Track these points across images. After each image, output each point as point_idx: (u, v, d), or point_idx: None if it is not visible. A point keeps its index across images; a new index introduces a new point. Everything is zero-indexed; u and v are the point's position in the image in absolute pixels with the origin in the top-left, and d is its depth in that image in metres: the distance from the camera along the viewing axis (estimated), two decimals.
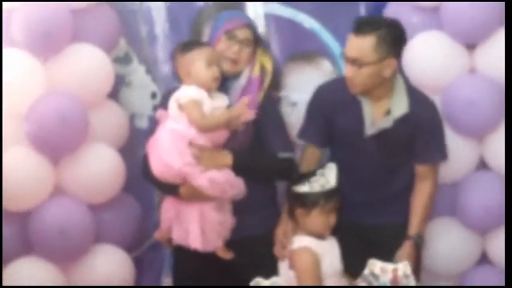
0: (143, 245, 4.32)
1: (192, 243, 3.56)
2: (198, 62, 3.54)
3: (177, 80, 3.62)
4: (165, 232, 3.66)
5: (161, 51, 4.24)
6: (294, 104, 4.21)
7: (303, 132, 3.83)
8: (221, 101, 3.59)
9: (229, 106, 3.57)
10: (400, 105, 3.62)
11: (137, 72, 4.29)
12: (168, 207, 3.63)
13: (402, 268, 3.42)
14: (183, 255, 3.70)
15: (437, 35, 4.00)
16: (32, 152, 3.84)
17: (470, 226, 4.03)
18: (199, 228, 3.55)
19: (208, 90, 3.55)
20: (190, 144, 3.49)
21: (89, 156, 3.95)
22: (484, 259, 4.12)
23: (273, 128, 3.67)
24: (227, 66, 3.62)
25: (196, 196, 3.52)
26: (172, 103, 3.56)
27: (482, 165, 4.08)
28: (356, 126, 3.66)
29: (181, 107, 3.52)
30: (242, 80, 3.65)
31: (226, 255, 3.62)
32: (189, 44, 3.64)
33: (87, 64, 3.96)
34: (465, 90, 3.92)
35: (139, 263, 4.23)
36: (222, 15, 3.74)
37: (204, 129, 3.50)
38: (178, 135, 3.49)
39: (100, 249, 4.01)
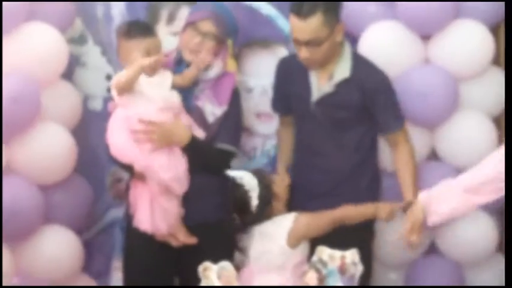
0: (94, 228, 4.29)
1: (141, 224, 3.58)
2: (136, 52, 3.57)
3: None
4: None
5: None
6: (250, 90, 4.21)
7: (271, 103, 3.99)
8: (163, 77, 3.62)
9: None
10: (342, 70, 3.67)
11: (92, 53, 4.25)
12: (132, 190, 3.68)
13: (350, 256, 3.44)
14: (134, 239, 3.70)
15: (393, 25, 4.01)
16: None
17: None
18: (148, 210, 3.56)
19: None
20: (141, 121, 3.52)
21: (40, 136, 3.91)
22: (432, 249, 4.14)
23: (227, 118, 3.70)
24: (188, 57, 3.66)
25: (144, 178, 3.55)
26: (112, 91, 3.61)
27: (434, 155, 4.10)
28: (305, 93, 3.72)
29: (118, 91, 3.56)
30: (213, 72, 3.69)
31: (189, 239, 3.65)
32: (131, 29, 3.64)
33: (41, 43, 3.91)
34: (418, 80, 3.93)
35: (89, 246, 4.20)
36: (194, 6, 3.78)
37: (120, 86, 3.54)
38: (120, 119, 3.58)
39: (49, 230, 3.97)
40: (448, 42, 3.96)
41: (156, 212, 3.59)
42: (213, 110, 3.69)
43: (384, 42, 3.99)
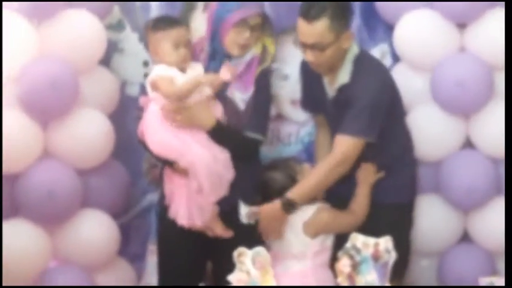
0: (130, 212, 4.33)
1: (178, 218, 3.64)
2: (165, 44, 3.60)
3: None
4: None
5: None
6: (285, 77, 4.22)
7: (301, 103, 4.00)
8: (195, 71, 3.65)
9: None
10: (342, 76, 3.65)
11: (130, 39, 4.29)
12: (167, 182, 3.72)
13: (383, 243, 3.44)
14: (168, 225, 3.74)
15: (428, 14, 4.00)
16: (22, 115, 3.85)
17: (454, 204, 4.05)
18: (185, 205, 3.61)
19: (180, 70, 3.62)
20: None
21: (78, 121, 3.96)
22: (465, 237, 4.15)
23: (254, 105, 3.71)
24: (237, 51, 3.68)
25: (186, 172, 3.59)
26: (147, 86, 3.64)
27: (468, 144, 4.10)
28: (322, 92, 3.74)
29: (154, 87, 3.58)
30: (247, 57, 3.72)
31: (225, 233, 3.69)
32: (159, 22, 3.69)
33: (80, 29, 3.96)
34: (454, 69, 3.92)
35: (125, 230, 4.24)
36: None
37: (177, 98, 3.56)
38: (159, 115, 3.61)
39: (86, 214, 4.02)
40: (484, 31, 3.94)
41: (193, 209, 3.63)
42: (242, 97, 3.70)
43: (420, 31, 3.99)
